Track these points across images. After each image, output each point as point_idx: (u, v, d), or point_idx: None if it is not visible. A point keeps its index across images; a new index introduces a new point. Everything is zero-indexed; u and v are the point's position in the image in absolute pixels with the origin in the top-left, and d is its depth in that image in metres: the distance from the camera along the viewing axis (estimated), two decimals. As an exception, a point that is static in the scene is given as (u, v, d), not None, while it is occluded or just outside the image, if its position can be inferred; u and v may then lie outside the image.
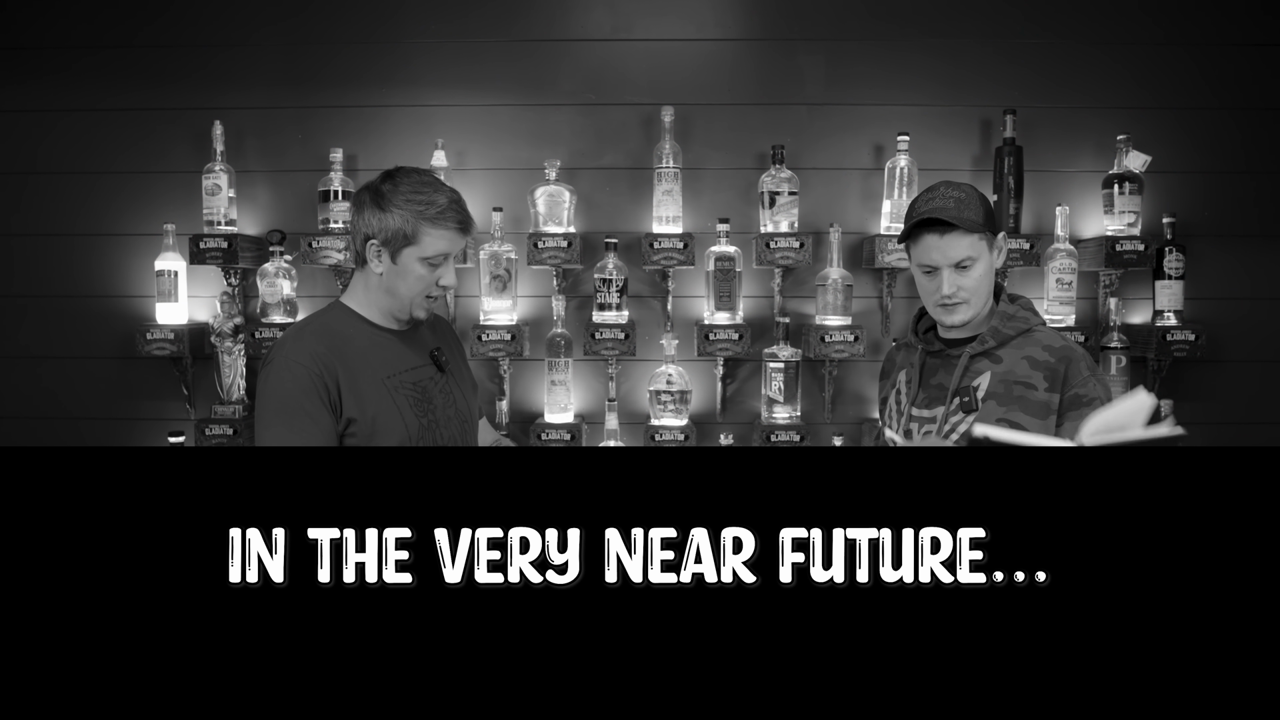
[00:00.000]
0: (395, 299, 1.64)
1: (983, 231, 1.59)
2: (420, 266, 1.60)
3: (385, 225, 1.58)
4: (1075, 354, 1.59)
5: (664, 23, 2.63)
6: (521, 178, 2.62)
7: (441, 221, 1.59)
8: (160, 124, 2.66)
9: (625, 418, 2.65)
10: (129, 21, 2.65)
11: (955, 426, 1.58)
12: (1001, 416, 1.55)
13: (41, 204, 2.68)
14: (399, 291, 1.63)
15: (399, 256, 1.60)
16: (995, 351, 1.61)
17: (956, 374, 1.61)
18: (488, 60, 2.65)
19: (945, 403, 1.62)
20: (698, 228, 2.61)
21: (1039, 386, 1.55)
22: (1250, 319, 2.63)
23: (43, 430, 2.71)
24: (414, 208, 1.58)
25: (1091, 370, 1.59)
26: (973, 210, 1.58)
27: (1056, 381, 1.55)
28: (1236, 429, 2.64)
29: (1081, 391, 1.54)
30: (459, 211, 1.62)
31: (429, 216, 1.58)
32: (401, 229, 1.58)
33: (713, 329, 2.49)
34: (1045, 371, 1.56)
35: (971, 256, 1.58)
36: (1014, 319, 1.63)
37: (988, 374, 1.60)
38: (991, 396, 1.57)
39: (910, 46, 2.62)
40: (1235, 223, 2.63)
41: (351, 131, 2.64)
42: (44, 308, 2.70)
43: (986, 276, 1.61)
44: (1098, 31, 2.61)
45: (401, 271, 1.61)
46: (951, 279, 1.58)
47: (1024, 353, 1.59)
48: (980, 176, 2.62)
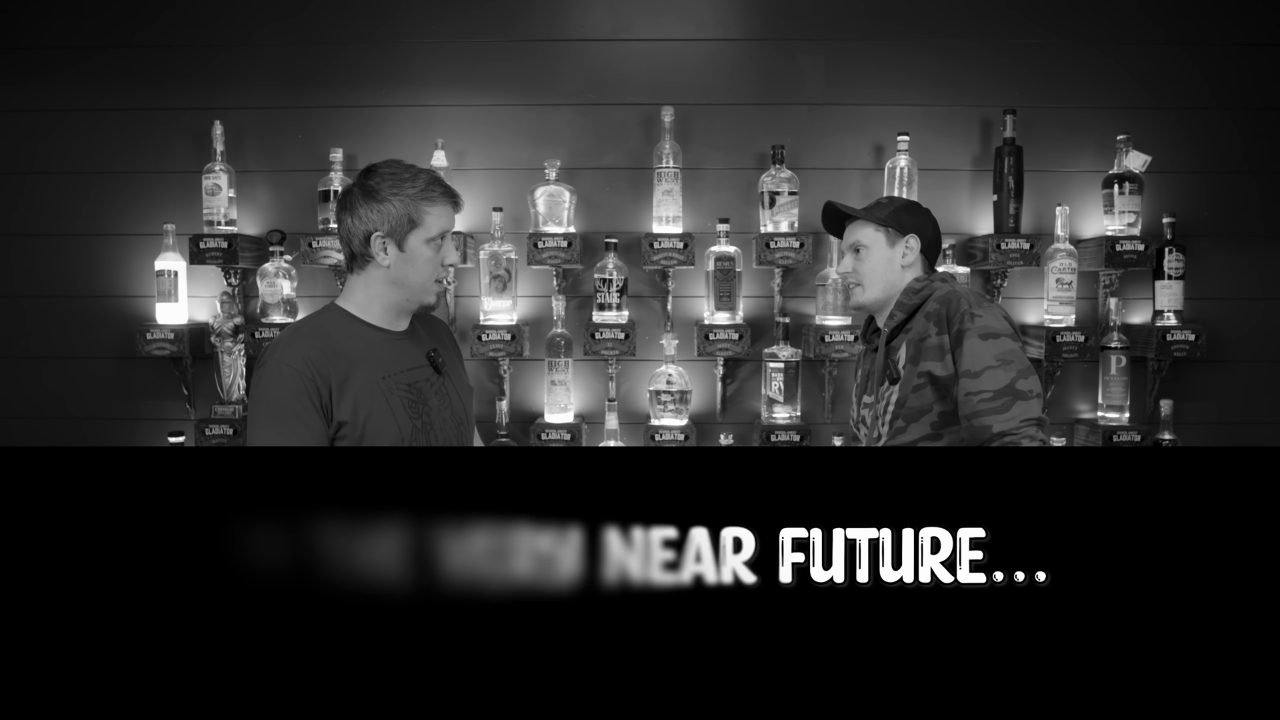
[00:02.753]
0: (407, 288, 1.64)
1: (883, 226, 1.79)
2: (427, 248, 1.62)
3: (386, 215, 1.60)
4: (956, 295, 1.69)
5: (664, 23, 2.63)
6: (521, 178, 2.62)
7: (435, 198, 1.62)
8: (160, 124, 2.66)
9: (625, 418, 2.65)
10: (129, 21, 2.65)
11: (888, 399, 1.72)
12: (922, 371, 1.67)
13: (41, 204, 2.68)
14: (410, 280, 1.63)
15: (405, 243, 1.61)
16: (906, 324, 1.75)
17: (880, 354, 1.78)
18: (488, 60, 2.65)
19: (882, 383, 1.77)
20: (698, 228, 2.61)
21: (932, 334, 1.68)
22: (1250, 319, 2.63)
23: (43, 430, 2.71)
24: (408, 191, 1.60)
25: (971, 304, 1.66)
26: (885, 212, 1.80)
27: (943, 322, 1.67)
28: (1236, 429, 2.64)
29: (964, 326, 1.64)
30: (446, 186, 1.66)
31: (425, 196, 1.61)
32: (404, 214, 1.60)
33: (713, 329, 2.49)
34: (935, 321, 1.69)
35: (864, 244, 1.79)
36: (918, 292, 1.76)
37: (904, 345, 1.74)
38: (908, 362, 1.71)
39: (910, 46, 2.62)
40: (1235, 223, 2.63)
41: (351, 131, 2.64)
42: (44, 308, 2.70)
43: (884, 265, 1.79)
44: (1098, 31, 2.61)
45: (410, 257, 1.62)
46: (849, 261, 1.83)
47: (925, 312, 1.73)
48: (980, 176, 2.62)
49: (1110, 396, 2.54)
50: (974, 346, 1.61)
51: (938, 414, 1.67)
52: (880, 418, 1.74)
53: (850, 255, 1.82)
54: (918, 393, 1.67)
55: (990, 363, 1.59)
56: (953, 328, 1.64)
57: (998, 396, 1.56)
